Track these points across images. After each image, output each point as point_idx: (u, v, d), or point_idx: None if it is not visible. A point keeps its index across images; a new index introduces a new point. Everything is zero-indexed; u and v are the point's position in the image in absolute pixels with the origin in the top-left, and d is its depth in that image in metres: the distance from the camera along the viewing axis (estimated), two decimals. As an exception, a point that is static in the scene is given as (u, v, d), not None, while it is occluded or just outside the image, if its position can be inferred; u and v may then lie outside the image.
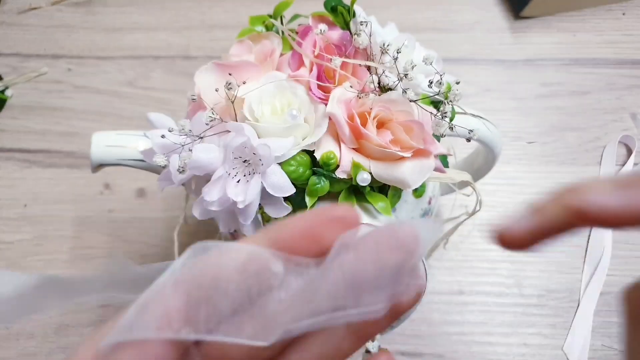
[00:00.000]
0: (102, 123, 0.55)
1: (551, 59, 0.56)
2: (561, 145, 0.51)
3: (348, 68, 0.30)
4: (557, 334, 0.44)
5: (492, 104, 0.54)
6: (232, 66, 0.30)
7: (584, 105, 0.53)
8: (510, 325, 0.44)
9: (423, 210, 0.36)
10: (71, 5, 0.62)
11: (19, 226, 0.50)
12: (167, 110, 0.54)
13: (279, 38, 0.32)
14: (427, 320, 0.45)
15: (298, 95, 0.29)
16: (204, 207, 0.28)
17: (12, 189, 0.52)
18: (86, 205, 0.51)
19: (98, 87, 0.57)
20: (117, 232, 0.49)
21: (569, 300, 0.45)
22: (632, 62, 0.55)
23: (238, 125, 0.27)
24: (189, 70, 0.57)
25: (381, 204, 0.29)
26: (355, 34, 0.29)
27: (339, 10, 0.31)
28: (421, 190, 0.31)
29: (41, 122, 0.55)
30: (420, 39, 0.32)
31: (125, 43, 0.59)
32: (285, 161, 0.28)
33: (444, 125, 0.28)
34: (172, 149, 0.28)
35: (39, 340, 0.45)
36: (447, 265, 0.47)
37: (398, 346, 0.44)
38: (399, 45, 0.28)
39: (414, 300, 0.15)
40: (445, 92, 0.28)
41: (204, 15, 0.61)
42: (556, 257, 0.46)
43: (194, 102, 0.29)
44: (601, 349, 0.43)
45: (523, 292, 0.45)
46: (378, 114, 0.28)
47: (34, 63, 0.58)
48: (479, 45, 0.57)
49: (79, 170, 0.52)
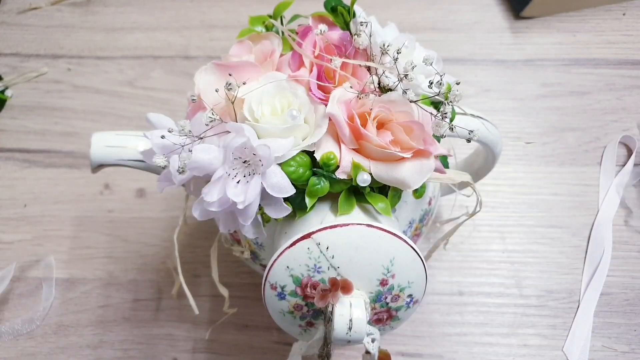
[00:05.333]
0: (102, 123, 0.55)
1: (551, 59, 0.56)
2: (561, 146, 0.51)
3: (348, 68, 0.30)
4: (557, 335, 0.44)
5: (492, 104, 0.54)
6: (232, 66, 0.30)
7: (584, 105, 0.53)
8: (510, 326, 0.44)
9: (423, 210, 0.35)
10: (71, 5, 0.62)
11: (19, 226, 0.50)
12: (167, 110, 0.55)
13: (279, 38, 0.32)
14: (427, 321, 0.45)
15: (298, 96, 0.29)
16: (203, 208, 0.28)
17: (12, 189, 0.52)
18: (86, 205, 0.51)
19: (98, 87, 0.57)
20: (117, 232, 0.49)
21: (569, 301, 0.45)
22: (632, 62, 0.55)
23: (238, 126, 0.27)
24: (189, 70, 0.57)
25: (381, 205, 0.29)
26: (355, 34, 0.29)
27: (339, 11, 0.31)
28: (421, 191, 0.31)
29: (41, 122, 0.55)
30: (420, 39, 0.32)
31: (125, 43, 0.59)
32: (285, 162, 0.28)
33: (444, 125, 0.28)
34: (171, 150, 0.28)
35: (39, 340, 0.45)
36: (447, 266, 0.47)
37: (398, 347, 0.44)
38: (399, 46, 0.28)
39: None
40: (445, 93, 0.28)
41: (203, 15, 0.60)
42: (556, 258, 0.46)
43: (194, 102, 0.29)
44: (601, 350, 0.43)
45: (523, 293, 0.45)
46: (378, 114, 0.28)
47: (33, 63, 0.58)
48: (479, 45, 0.57)
49: (79, 170, 0.52)
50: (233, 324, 0.45)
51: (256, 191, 0.27)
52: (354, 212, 0.29)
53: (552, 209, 0.49)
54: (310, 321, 0.30)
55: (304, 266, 0.27)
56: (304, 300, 0.28)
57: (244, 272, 0.47)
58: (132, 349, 0.45)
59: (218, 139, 0.28)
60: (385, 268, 0.27)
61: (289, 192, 0.27)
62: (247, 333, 0.45)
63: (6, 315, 0.46)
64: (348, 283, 0.27)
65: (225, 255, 0.45)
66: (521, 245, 0.47)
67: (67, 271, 0.48)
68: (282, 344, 0.44)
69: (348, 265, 0.27)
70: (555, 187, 0.50)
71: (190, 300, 0.35)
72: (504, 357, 0.43)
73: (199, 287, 0.47)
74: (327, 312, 0.27)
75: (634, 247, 0.46)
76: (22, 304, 0.47)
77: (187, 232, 0.49)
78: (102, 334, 0.45)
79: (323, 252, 0.27)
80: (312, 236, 0.27)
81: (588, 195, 0.49)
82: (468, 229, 0.47)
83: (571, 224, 0.48)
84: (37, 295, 0.47)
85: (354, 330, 0.26)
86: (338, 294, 0.27)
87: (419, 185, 0.28)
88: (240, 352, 0.44)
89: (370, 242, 0.27)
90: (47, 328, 0.46)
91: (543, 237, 0.47)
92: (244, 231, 0.29)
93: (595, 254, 0.46)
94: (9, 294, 0.47)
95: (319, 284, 0.27)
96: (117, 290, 0.47)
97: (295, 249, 0.27)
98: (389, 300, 0.28)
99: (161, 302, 0.46)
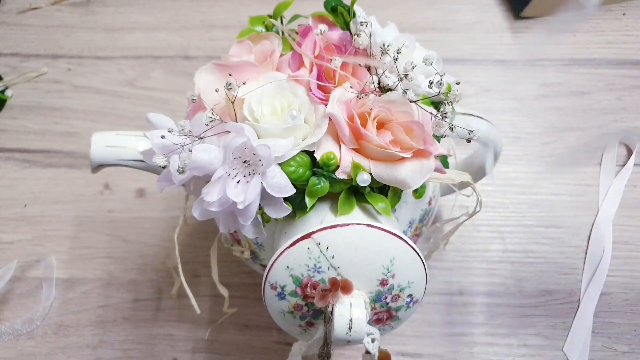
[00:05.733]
0: (102, 123, 0.55)
1: (551, 59, 0.56)
2: (561, 146, 0.51)
3: (348, 68, 0.30)
4: (557, 335, 0.44)
5: (492, 104, 0.54)
6: (232, 66, 0.30)
7: (584, 105, 0.53)
8: (510, 326, 0.44)
9: (423, 211, 0.35)
10: (71, 5, 0.62)
11: (19, 226, 0.50)
12: (167, 110, 0.55)
13: (279, 38, 0.32)
14: (427, 320, 0.45)
15: (298, 96, 0.29)
16: (203, 208, 0.28)
17: (12, 189, 0.52)
18: (86, 205, 0.51)
19: (98, 87, 0.57)
20: (117, 232, 0.49)
21: (569, 301, 0.45)
22: (632, 62, 0.55)
23: (238, 126, 0.27)
24: (189, 70, 0.57)
25: (381, 205, 0.29)
26: (355, 34, 0.29)
27: (339, 11, 0.31)
28: (421, 191, 0.31)
29: (41, 122, 0.55)
30: (420, 39, 0.32)
31: (125, 43, 0.59)
32: (285, 162, 0.28)
33: (444, 125, 0.28)
34: (171, 150, 0.28)
35: (39, 340, 0.45)
36: (447, 266, 0.47)
37: (398, 347, 0.44)
38: (399, 46, 0.28)
39: None
40: (445, 93, 0.28)
41: (203, 15, 0.60)
42: (556, 258, 0.46)
43: (194, 102, 0.29)
44: (601, 350, 0.43)
45: (523, 293, 0.45)
46: (378, 114, 0.28)
47: (33, 63, 0.58)
48: (479, 45, 0.57)
49: (79, 170, 0.52)
50: (233, 324, 0.45)
51: (256, 191, 0.27)
52: (354, 212, 0.29)
53: (552, 209, 0.49)
54: (310, 321, 0.30)
55: (304, 266, 0.27)
56: (304, 300, 0.28)
57: (244, 272, 0.47)
58: (132, 349, 0.45)
59: (218, 139, 0.28)
60: (385, 268, 0.27)
61: (289, 192, 0.27)
62: (247, 333, 0.45)
63: (6, 315, 0.46)
64: (348, 283, 0.27)
65: (225, 255, 0.45)
66: (521, 245, 0.47)
67: (67, 271, 0.48)
68: (282, 344, 0.44)
69: (348, 265, 0.27)
70: (555, 187, 0.50)
71: (191, 299, 0.35)
72: (504, 357, 0.43)
73: (199, 287, 0.47)
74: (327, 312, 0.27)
75: (634, 247, 0.46)
76: (22, 304, 0.47)
77: (187, 232, 0.49)
78: (102, 334, 0.45)
79: (323, 252, 0.27)
80: (312, 236, 0.27)
81: (588, 195, 0.49)
82: (468, 229, 0.47)
83: (571, 224, 0.48)
84: (37, 295, 0.47)
85: (354, 330, 0.26)
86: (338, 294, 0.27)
87: (419, 185, 0.28)
88: (240, 352, 0.44)
89: (370, 242, 0.27)
90: (47, 328, 0.46)
91: (543, 237, 0.47)
92: (244, 231, 0.29)
93: (595, 254, 0.46)
94: (9, 293, 0.47)
95: (319, 284, 0.27)
96: (117, 290, 0.47)
97: (295, 249, 0.27)
98: (389, 300, 0.28)
99: (161, 302, 0.46)
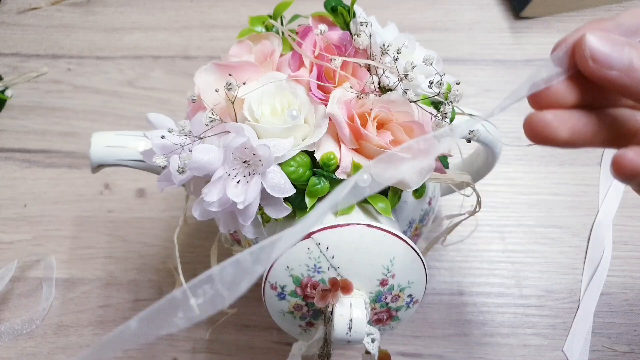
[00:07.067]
0: (102, 123, 0.55)
1: (551, 59, 0.56)
2: (561, 146, 0.51)
3: (348, 68, 0.30)
4: (557, 335, 0.44)
5: (492, 104, 0.54)
6: (232, 66, 0.30)
7: (584, 105, 0.53)
8: (510, 326, 0.44)
9: (423, 210, 0.35)
10: (71, 5, 0.62)
11: (19, 226, 0.50)
12: (167, 110, 0.55)
13: (279, 38, 0.31)
14: (427, 321, 0.44)
15: (298, 96, 0.29)
16: (203, 208, 0.28)
17: (12, 189, 0.52)
18: (86, 205, 0.51)
19: (98, 87, 0.57)
20: (117, 232, 0.49)
21: (569, 301, 0.45)
22: (632, 63, 0.55)
23: (238, 126, 0.27)
24: (189, 70, 0.57)
25: (381, 205, 0.29)
26: (356, 34, 0.29)
27: (339, 11, 0.31)
28: (421, 191, 0.31)
29: (41, 122, 0.55)
30: (420, 39, 0.32)
31: (125, 43, 0.59)
32: (285, 162, 0.28)
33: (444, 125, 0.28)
34: (171, 150, 0.28)
35: (38, 340, 0.45)
36: (447, 266, 0.47)
37: (398, 347, 0.44)
38: (399, 46, 0.28)
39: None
40: (445, 93, 0.28)
41: (203, 15, 0.60)
42: (556, 258, 0.46)
43: (194, 102, 0.29)
44: (601, 350, 0.43)
45: (523, 293, 0.45)
46: (378, 114, 0.28)
47: (33, 63, 0.58)
48: (479, 45, 0.57)
49: (79, 170, 0.52)
50: (233, 324, 0.45)
51: (256, 191, 0.27)
52: (354, 212, 0.29)
53: (552, 209, 0.49)
54: (310, 321, 0.30)
55: (304, 266, 0.27)
56: (304, 300, 0.28)
57: (244, 272, 0.47)
58: (132, 349, 0.45)
59: (218, 139, 0.28)
60: (385, 268, 0.27)
61: (289, 192, 0.27)
62: (247, 333, 0.45)
63: (6, 315, 0.46)
64: (348, 283, 0.27)
65: (225, 255, 0.45)
66: (521, 245, 0.47)
67: (67, 271, 0.48)
68: (282, 344, 0.44)
69: (348, 265, 0.27)
70: (555, 187, 0.50)
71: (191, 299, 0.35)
72: (504, 357, 0.43)
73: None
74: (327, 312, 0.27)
75: (634, 247, 0.46)
76: (22, 304, 0.47)
77: (187, 232, 0.49)
78: (102, 334, 0.45)
79: (323, 252, 0.27)
80: (312, 236, 0.27)
81: (588, 195, 0.49)
82: (468, 229, 0.47)
83: (571, 224, 0.48)
84: (37, 295, 0.47)
85: (354, 330, 0.26)
86: (338, 294, 0.27)
87: (419, 185, 0.28)
88: (240, 352, 0.44)
89: (370, 242, 0.27)
90: (47, 328, 0.46)
91: (543, 237, 0.47)
92: (244, 231, 0.29)
93: (595, 254, 0.46)
94: (8, 293, 0.47)
95: (319, 284, 0.27)
96: (117, 290, 0.47)
97: (295, 249, 0.27)
98: (389, 300, 0.28)
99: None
